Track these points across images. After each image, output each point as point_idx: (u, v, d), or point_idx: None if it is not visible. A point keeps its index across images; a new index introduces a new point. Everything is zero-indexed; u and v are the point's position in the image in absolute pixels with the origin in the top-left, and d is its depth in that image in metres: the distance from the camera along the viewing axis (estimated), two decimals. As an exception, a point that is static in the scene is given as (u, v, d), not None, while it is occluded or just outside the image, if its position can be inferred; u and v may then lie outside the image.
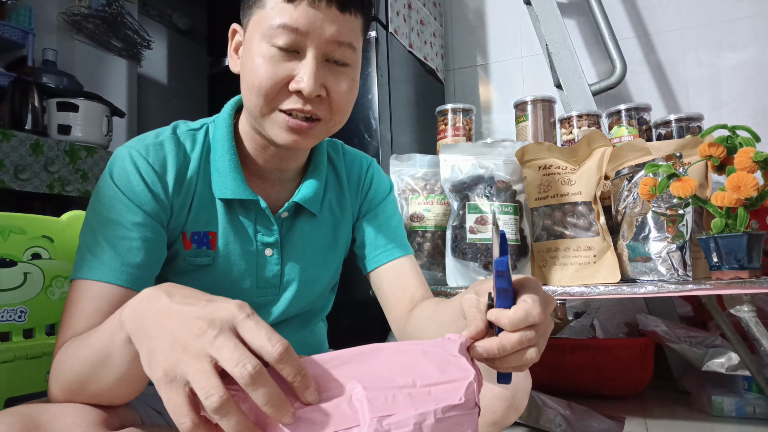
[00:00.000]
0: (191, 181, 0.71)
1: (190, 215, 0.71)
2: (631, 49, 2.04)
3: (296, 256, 0.78)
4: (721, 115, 1.90)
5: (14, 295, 0.90)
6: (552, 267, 1.17)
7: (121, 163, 0.67)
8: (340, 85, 0.67)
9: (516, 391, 0.65)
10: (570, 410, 1.30)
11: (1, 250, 0.89)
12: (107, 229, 0.64)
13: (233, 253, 0.73)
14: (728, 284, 0.96)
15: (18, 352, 0.88)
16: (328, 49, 0.65)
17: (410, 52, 1.97)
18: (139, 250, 0.64)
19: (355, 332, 1.63)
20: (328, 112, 0.68)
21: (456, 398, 0.40)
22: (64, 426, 0.49)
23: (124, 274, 0.63)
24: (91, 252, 0.63)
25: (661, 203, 1.07)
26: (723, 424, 1.27)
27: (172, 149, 0.70)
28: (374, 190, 0.87)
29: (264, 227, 0.74)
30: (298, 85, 0.64)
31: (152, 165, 0.67)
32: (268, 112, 0.66)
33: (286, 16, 0.62)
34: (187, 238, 0.71)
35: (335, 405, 0.39)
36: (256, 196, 0.72)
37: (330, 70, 0.66)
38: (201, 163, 0.72)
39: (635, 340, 1.49)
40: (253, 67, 0.65)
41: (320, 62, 0.65)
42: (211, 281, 0.72)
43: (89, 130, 1.71)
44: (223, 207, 0.72)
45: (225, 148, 0.72)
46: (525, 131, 1.50)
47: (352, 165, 0.87)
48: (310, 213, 0.78)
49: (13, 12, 1.81)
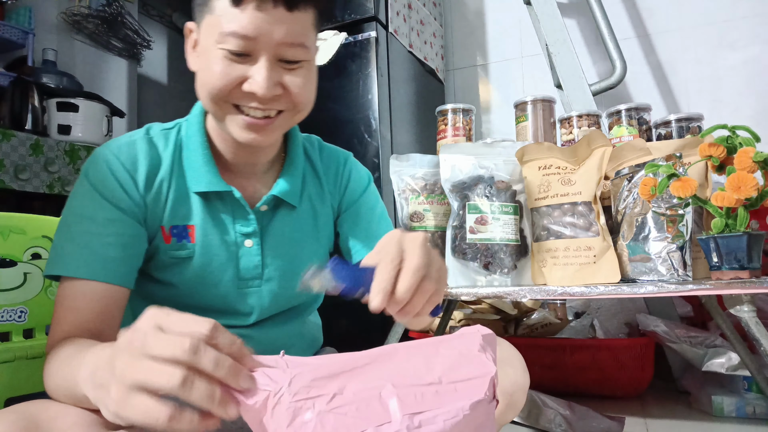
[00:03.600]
0: (164, 178, 0.72)
1: (166, 210, 0.72)
2: (631, 49, 2.04)
3: (277, 247, 0.78)
4: (721, 115, 1.90)
5: (14, 295, 0.90)
6: (552, 267, 1.17)
7: (95, 163, 0.69)
8: (296, 81, 0.68)
9: (514, 389, 0.65)
10: (570, 410, 1.30)
11: (1, 250, 0.89)
12: (82, 226, 0.66)
13: (212, 245, 0.74)
14: (728, 284, 0.96)
15: (18, 352, 0.88)
16: (279, 51, 0.65)
17: (410, 52, 1.97)
18: (113, 245, 0.66)
19: (355, 332, 1.63)
20: (290, 104, 0.69)
21: (481, 394, 0.41)
22: (64, 425, 0.49)
23: (105, 270, 0.65)
24: (69, 248, 0.66)
25: (661, 203, 1.07)
26: (723, 424, 1.27)
27: (144, 148, 0.72)
28: (353, 184, 0.88)
29: (242, 218, 0.75)
30: (251, 87, 0.65)
31: (123, 163, 0.69)
32: (225, 110, 0.68)
33: (235, 23, 0.62)
34: (166, 232, 0.72)
35: (366, 402, 0.39)
36: (230, 187, 0.73)
37: (283, 68, 0.67)
38: (174, 160, 0.74)
39: (635, 340, 1.49)
40: (206, 69, 0.66)
41: (273, 64, 0.66)
42: (192, 274, 0.73)
43: (89, 130, 1.72)
44: (200, 201, 0.74)
45: (196, 144, 0.74)
46: (525, 131, 1.50)
47: (330, 160, 0.88)
48: (290, 206, 0.79)
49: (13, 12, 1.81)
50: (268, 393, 0.40)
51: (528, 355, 0.74)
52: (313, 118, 0.82)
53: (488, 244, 1.21)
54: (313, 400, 0.39)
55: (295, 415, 0.39)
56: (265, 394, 0.40)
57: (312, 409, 0.39)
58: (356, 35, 1.74)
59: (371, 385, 0.41)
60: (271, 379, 0.41)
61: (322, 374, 0.41)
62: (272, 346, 0.77)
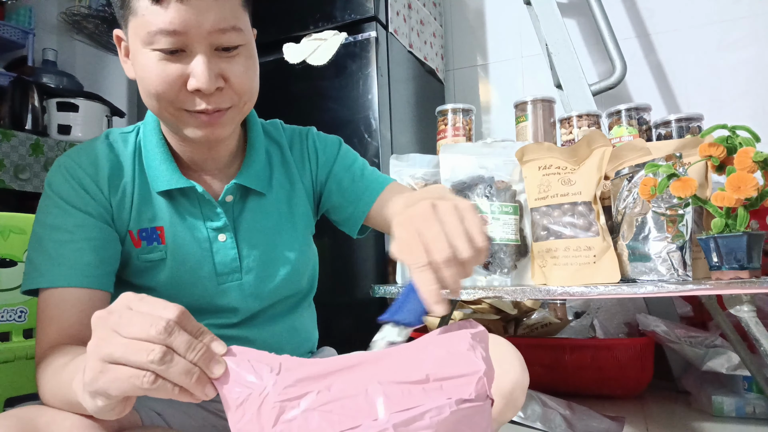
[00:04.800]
0: (127, 181, 0.72)
1: (132, 214, 0.71)
2: (631, 49, 2.04)
3: (252, 238, 0.77)
4: (721, 115, 1.89)
5: (14, 295, 0.90)
6: (552, 267, 1.17)
7: (57, 172, 0.69)
8: (237, 69, 0.65)
9: (514, 388, 0.65)
10: (570, 410, 1.30)
11: (1, 250, 0.89)
12: (52, 236, 0.66)
13: (185, 244, 0.73)
14: (728, 284, 0.96)
15: (18, 352, 0.88)
16: (213, 39, 0.62)
17: (410, 52, 1.97)
18: (85, 250, 0.66)
19: (355, 332, 1.63)
20: (235, 97, 0.67)
21: (467, 393, 0.40)
22: (62, 429, 0.49)
23: (82, 276, 0.64)
24: (42, 260, 0.65)
25: (661, 203, 1.07)
26: (723, 424, 1.27)
27: (104, 151, 0.71)
28: (322, 154, 0.86)
29: (210, 212, 0.74)
30: (193, 84, 0.62)
31: (84, 168, 0.69)
32: (174, 115, 0.66)
33: (160, 21, 0.59)
34: (135, 237, 0.72)
35: (352, 400, 0.39)
36: (191, 182, 0.72)
37: (221, 57, 0.64)
38: (135, 163, 0.73)
39: (635, 340, 1.49)
40: (144, 75, 0.64)
41: (209, 54, 0.63)
42: (168, 275, 0.72)
43: (89, 130, 1.72)
44: (165, 201, 0.73)
45: (153, 143, 0.73)
46: (525, 131, 1.50)
47: (292, 138, 0.86)
48: (258, 193, 0.78)
49: (13, 12, 1.81)
50: (251, 391, 0.40)
51: (528, 355, 0.74)
52: (313, 118, 0.82)
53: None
54: (299, 399, 0.39)
55: (280, 414, 0.39)
56: (249, 392, 0.40)
57: (297, 408, 0.39)
58: (356, 35, 1.74)
59: (358, 383, 0.41)
60: (256, 377, 0.41)
61: (308, 374, 0.41)
62: (263, 345, 0.75)
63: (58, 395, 0.54)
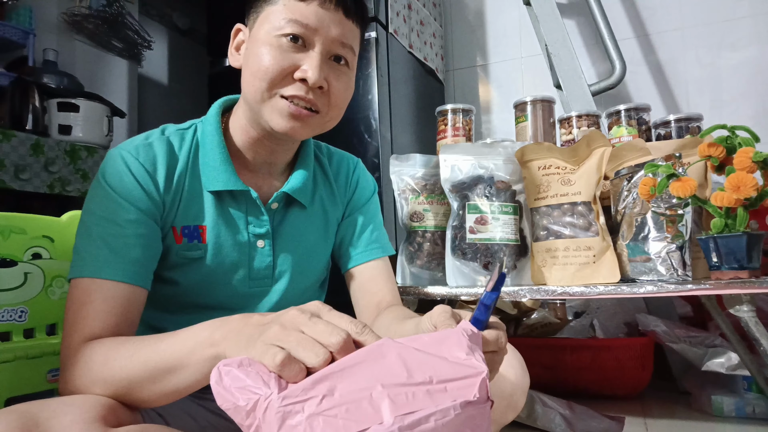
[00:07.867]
0: (180, 178, 0.72)
1: (179, 210, 0.72)
2: (631, 49, 2.04)
3: (288, 247, 0.79)
4: (721, 115, 1.90)
5: (14, 295, 0.90)
6: (552, 267, 1.17)
7: (113, 164, 0.69)
8: (340, 82, 0.72)
9: (514, 389, 0.65)
10: (570, 410, 1.30)
11: (2, 250, 0.89)
12: (102, 228, 0.66)
13: (225, 245, 0.74)
14: (728, 284, 0.96)
15: (18, 352, 0.88)
16: (333, 47, 0.70)
17: (410, 53, 1.97)
18: (135, 246, 0.66)
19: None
20: (327, 106, 0.72)
21: (471, 395, 0.40)
22: (63, 423, 0.49)
23: (127, 271, 0.65)
24: (90, 251, 0.65)
25: (660, 203, 1.08)
26: (723, 424, 1.27)
27: (162, 148, 0.72)
28: (360, 191, 0.90)
29: (255, 218, 0.75)
30: (303, 74, 0.68)
31: (143, 164, 0.69)
32: (270, 97, 0.69)
33: (297, 13, 0.68)
34: (177, 233, 0.72)
35: (356, 404, 0.39)
36: (247, 187, 0.74)
37: (332, 67, 0.71)
38: (190, 160, 0.74)
39: (635, 340, 1.49)
40: (259, 55, 0.69)
41: (324, 58, 0.70)
42: (203, 273, 0.73)
43: (90, 130, 1.72)
44: (212, 200, 0.74)
45: (214, 143, 0.74)
46: (525, 131, 1.50)
47: (340, 164, 0.90)
48: (301, 205, 0.80)
49: (14, 12, 1.81)
50: (258, 397, 0.40)
51: (528, 355, 0.74)
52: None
53: (488, 244, 1.21)
54: (303, 403, 0.39)
55: (285, 419, 0.39)
56: (256, 398, 0.40)
57: (302, 413, 0.39)
58: (356, 35, 1.74)
59: (361, 386, 0.40)
60: (262, 382, 0.41)
61: (310, 378, 0.41)
62: None
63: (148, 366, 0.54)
